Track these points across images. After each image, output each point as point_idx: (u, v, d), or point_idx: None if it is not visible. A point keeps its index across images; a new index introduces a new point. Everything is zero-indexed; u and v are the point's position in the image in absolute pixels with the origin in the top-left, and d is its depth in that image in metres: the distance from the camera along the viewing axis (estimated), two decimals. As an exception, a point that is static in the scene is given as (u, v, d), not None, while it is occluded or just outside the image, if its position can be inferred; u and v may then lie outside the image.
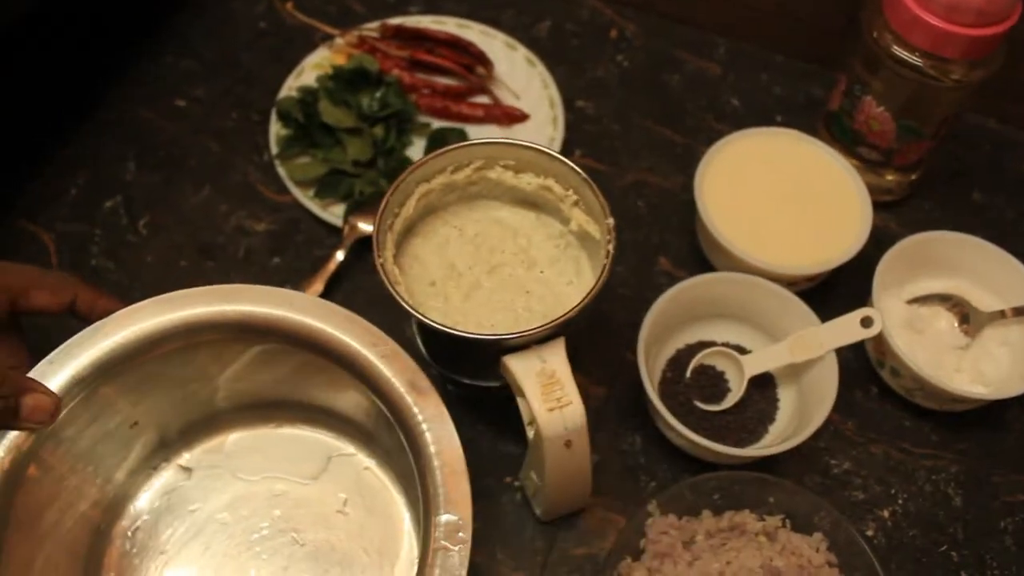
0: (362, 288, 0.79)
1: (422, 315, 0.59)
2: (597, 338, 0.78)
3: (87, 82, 0.91)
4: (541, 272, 0.67)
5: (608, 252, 0.61)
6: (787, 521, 0.66)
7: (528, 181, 0.68)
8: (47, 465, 0.59)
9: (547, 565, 0.69)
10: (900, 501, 0.73)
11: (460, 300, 0.66)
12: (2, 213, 0.83)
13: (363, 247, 0.80)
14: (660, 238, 0.83)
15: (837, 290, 0.79)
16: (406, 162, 0.82)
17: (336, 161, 0.82)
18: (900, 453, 0.75)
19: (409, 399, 0.59)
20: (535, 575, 0.68)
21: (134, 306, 0.61)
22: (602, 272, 0.61)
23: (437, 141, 0.84)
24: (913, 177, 0.85)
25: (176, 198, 0.85)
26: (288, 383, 0.68)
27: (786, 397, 0.74)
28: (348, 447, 0.71)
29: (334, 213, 0.81)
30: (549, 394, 0.58)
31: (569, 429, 0.58)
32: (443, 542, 0.55)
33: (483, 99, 0.89)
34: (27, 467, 0.57)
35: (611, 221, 0.62)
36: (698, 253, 0.82)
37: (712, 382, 0.74)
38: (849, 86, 0.80)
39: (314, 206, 0.81)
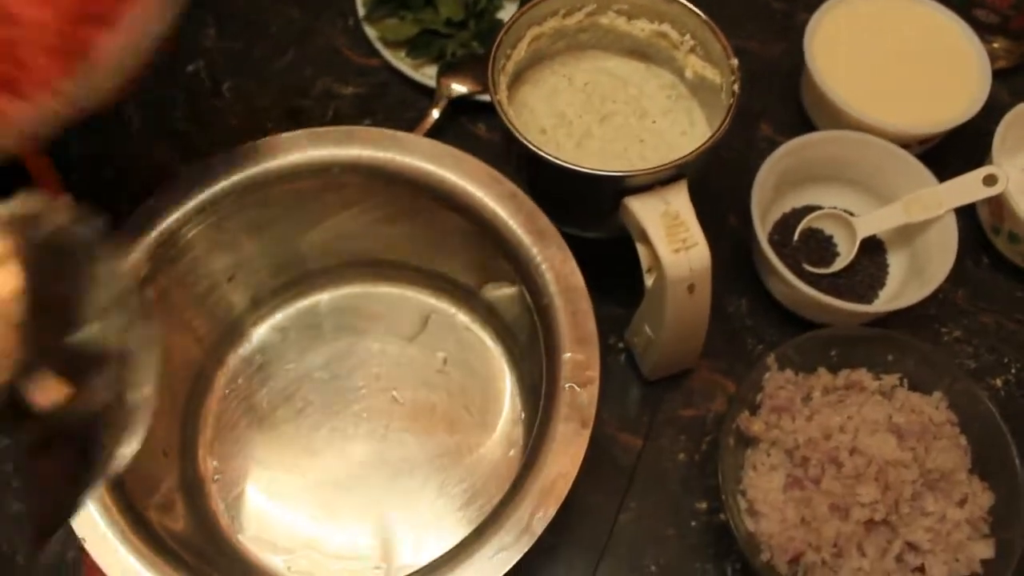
0: (456, 151, 0.77)
1: (540, 150, 0.57)
2: (698, 202, 0.75)
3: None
4: (653, 122, 0.65)
5: (733, 92, 0.59)
6: (904, 380, 0.64)
7: (641, 27, 0.65)
8: (164, 291, 0.58)
9: (653, 425, 0.67)
10: (1013, 371, 0.70)
11: (572, 148, 0.63)
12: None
13: (455, 110, 0.78)
14: (761, 105, 0.80)
15: (947, 158, 0.75)
16: (498, 24, 0.79)
17: (428, 21, 0.79)
18: (1014, 323, 0.72)
19: (528, 239, 0.57)
20: (641, 435, 0.67)
21: (273, 137, 0.60)
22: (728, 111, 0.58)
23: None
24: (1024, 47, 0.81)
25: (259, 63, 0.82)
26: (392, 236, 0.66)
27: (896, 262, 0.72)
28: (447, 306, 0.69)
29: (426, 74, 0.78)
30: (674, 235, 0.56)
31: (694, 271, 0.56)
32: (570, 382, 0.53)
33: (575, -37, 0.86)
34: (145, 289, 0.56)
35: (735, 61, 0.60)
36: (801, 119, 0.79)
37: (821, 245, 0.71)
38: (967, -59, 0.76)
39: (405, 67, 0.78)
